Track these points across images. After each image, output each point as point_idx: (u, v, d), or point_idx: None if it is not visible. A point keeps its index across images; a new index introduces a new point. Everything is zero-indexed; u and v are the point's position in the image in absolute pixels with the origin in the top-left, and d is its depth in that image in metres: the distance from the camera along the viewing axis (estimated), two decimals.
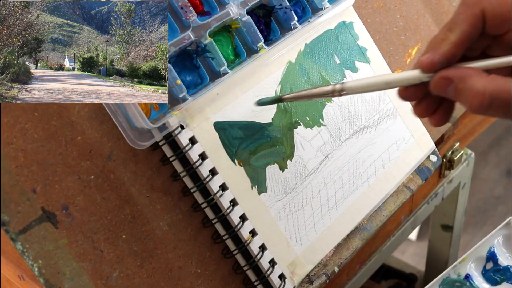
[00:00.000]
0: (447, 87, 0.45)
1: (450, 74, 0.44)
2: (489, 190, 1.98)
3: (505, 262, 0.75)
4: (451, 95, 0.45)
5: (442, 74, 0.45)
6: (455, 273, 0.75)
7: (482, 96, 0.42)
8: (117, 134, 0.54)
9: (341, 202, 0.67)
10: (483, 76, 0.43)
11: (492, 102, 0.42)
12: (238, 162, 0.60)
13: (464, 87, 0.43)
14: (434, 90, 0.46)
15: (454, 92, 0.44)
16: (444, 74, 0.45)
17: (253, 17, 0.61)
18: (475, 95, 0.43)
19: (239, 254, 0.60)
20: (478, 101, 0.43)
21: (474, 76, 0.43)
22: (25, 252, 0.49)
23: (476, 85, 0.43)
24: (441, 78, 0.45)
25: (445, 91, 0.45)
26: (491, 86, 0.42)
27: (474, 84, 0.43)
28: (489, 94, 0.42)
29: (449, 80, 0.44)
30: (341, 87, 0.52)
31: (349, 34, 0.70)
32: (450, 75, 0.44)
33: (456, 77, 0.44)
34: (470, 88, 0.43)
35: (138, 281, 0.55)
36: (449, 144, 0.85)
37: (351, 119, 0.69)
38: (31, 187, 0.50)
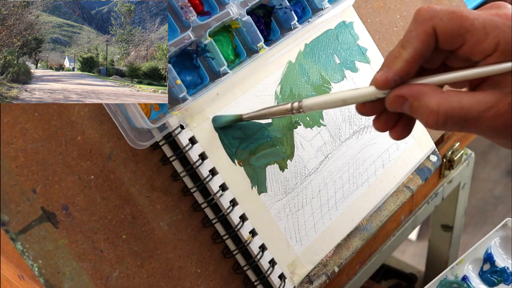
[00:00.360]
0: (402, 105, 0.45)
1: (404, 92, 0.44)
2: (489, 190, 1.98)
3: (502, 264, 0.75)
4: (408, 112, 0.45)
5: (396, 93, 0.45)
6: (453, 275, 0.75)
7: (437, 114, 0.42)
8: (117, 134, 0.54)
9: (341, 202, 0.67)
10: (437, 93, 0.43)
11: (446, 119, 0.42)
12: (238, 162, 0.60)
13: (418, 105, 0.43)
14: (390, 108, 0.46)
15: (409, 110, 0.44)
16: (398, 93, 0.45)
17: (253, 17, 0.61)
18: (430, 113, 0.43)
19: (239, 254, 0.60)
20: (433, 120, 0.43)
21: (428, 93, 0.43)
22: (25, 252, 0.49)
23: (430, 103, 0.43)
24: (395, 97, 0.45)
25: (401, 108, 0.45)
26: (444, 103, 0.42)
27: (428, 102, 0.43)
28: (444, 112, 0.42)
29: (403, 98, 0.44)
30: (298, 105, 0.52)
31: (349, 34, 0.70)
32: (404, 93, 0.44)
33: (410, 95, 0.44)
34: (425, 106, 0.43)
35: (138, 281, 0.55)
36: (449, 144, 0.85)
37: (351, 119, 0.69)
38: (31, 187, 0.50)
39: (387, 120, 0.48)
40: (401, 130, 0.48)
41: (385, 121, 0.48)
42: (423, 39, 0.44)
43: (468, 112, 0.42)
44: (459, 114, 0.42)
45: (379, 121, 0.48)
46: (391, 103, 0.45)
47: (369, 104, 0.47)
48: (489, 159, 2.09)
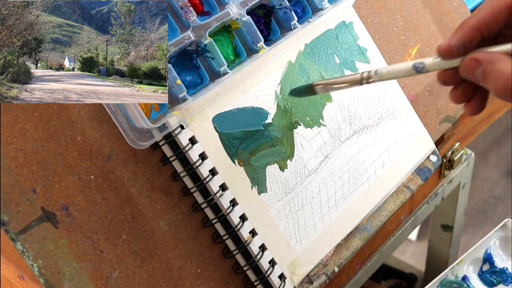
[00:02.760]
0: (475, 69, 0.45)
1: (479, 56, 0.45)
2: (489, 190, 1.98)
3: (501, 264, 0.75)
4: (479, 78, 0.45)
5: (472, 56, 0.46)
6: (453, 275, 0.75)
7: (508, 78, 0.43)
8: (117, 134, 0.54)
9: (341, 202, 0.67)
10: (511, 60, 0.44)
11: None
12: (238, 162, 0.60)
13: (491, 69, 0.44)
14: (463, 72, 0.46)
15: (482, 75, 0.45)
16: (474, 56, 0.45)
17: (253, 17, 0.61)
18: (501, 78, 0.43)
19: (239, 254, 0.60)
20: (503, 84, 0.43)
21: (502, 59, 0.44)
22: (25, 252, 0.49)
23: (503, 68, 0.43)
24: (470, 60, 0.46)
25: (473, 74, 0.45)
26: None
27: (502, 67, 0.44)
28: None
29: (478, 62, 0.45)
30: (368, 75, 0.53)
31: (349, 34, 0.70)
32: (479, 57, 0.45)
33: (485, 59, 0.45)
34: (498, 70, 0.44)
35: (138, 281, 0.55)
36: (449, 144, 0.85)
37: (351, 119, 0.69)
38: (31, 187, 0.50)
39: (465, 91, 0.49)
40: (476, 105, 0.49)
41: (463, 92, 0.49)
42: (493, 12, 0.46)
43: None
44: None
45: (457, 91, 0.49)
46: (464, 67, 0.46)
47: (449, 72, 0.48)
48: (489, 159, 2.09)
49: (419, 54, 0.78)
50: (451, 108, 0.81)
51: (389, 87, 0.72)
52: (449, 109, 0.81)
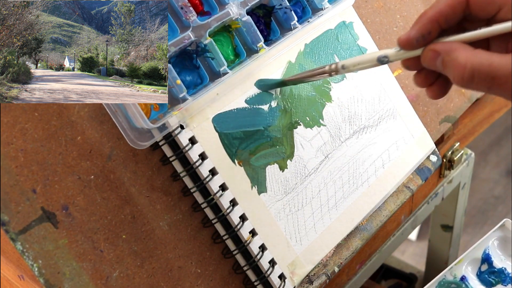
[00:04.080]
0: (435, 60, 0.46)
1: (437, 47, 0.46)
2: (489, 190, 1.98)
3: (499, 264, 0.75)
4: (440, 68, 0.47)
5: (430, 47, 0.47)
6: (451, 275, 0.75)
7: (464, 68, 0.44)
8: (117, 134, 0.54)
9: (341, 202, 0.67)
10: (467, 49, 0.45)
11: (473, 74, 0.44)
12: (238, 162, 0.60)
13: (449, 59, 0.45)
14: (424, 63, 0.48)
15: (441, 65, 0.46)
16: (432, 47, 0.47)
17: (253, 17, 0.61)
18: (458, 67, 0.44)
19: (239, 254, 0.60)
20: (459, 73, 0.44)
21: (458, 49, 0.45)
22: (25, 252, 0.49)
23: (459, 57, 0.45)
24: (429, 51, 0.47)
25: (434, 64, 0.47)
26: (473, 59, 0.44)
27: (458, 56, 0.45)
28: (471, 66, 0.44)
29: (437, 52, 0.46)
30: (335, 67, 0.55)
31: (349, 34, 0.70)
32: (437, 48, 0.46)
33: (442, 50, 0.46)
34: (454, 60, 0.45)
35: (138, 281, 0.55)
36: (449, 144, 0.85)
37: (351, 119, 0.69)
38: (31, 187, 0.50)
39: (427, 76, 0.50)
40: (438, 89, 0.50)
41: (425, 76, 0.50)
42: (451, 3, 0.47)
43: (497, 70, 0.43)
44: (487, 71, 0.43)
45: (420, 76, 0.50)
46: (424, 58, 0.47)
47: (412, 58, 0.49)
48: (489, 159, 2.09)
49: None
50: (451, 108, 0.81)
51: (389, 87, 0.72)
52: (449, 109, 0.81)
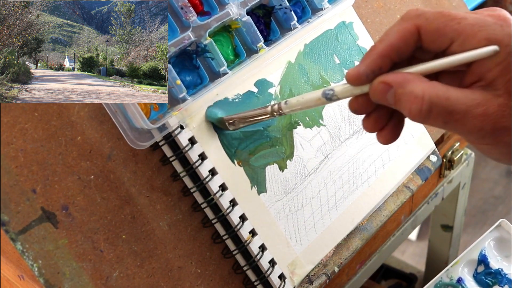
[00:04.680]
0: (386, 93, 0.43)
1: (389, 79, 0.43)
2: (489, 190, 1.98)
3: (496, 265, 0.75)
4: (391, 102, 0.43)
5: (380, 79, 0.43)
6: (448, 277, 0.74)
7: (421, 100, 0.41)
8: (117, 134, 0.54)
9: (341, 202, 0.67)
10: (423, 81, 0.42)
11: (431, 108, 0.41)
12: (238, 162, 0.60)
13: (403, 92, 0.42)
14: (373, 97, 0.44)
15: (393, 98, 0.42)
16: (383, 79, 0.43)
17: (253, 17, 0.61)
18: (414, 100, 0.41)
19: (239, 254, 0.60)
20: (417, 107, 0.41)
21: (413, 80, 0.42)
22: (25, 252, 0.49)
23: (415, 89, 0.41)
24: (379, 83, 0.43)
25: (385, 98, 0.43)
26: (430, 91, 0.41)
27: (414, 88, 0.41)
28: (428, 99, 0.41)
29: (388, 85, 0.43)
30: (278, 107, 0.52)
31: (348, 34, 0.70)
32: (388, 80, 0.43)
33: (394, 82, 0.42)
34: (409, 93, 0.41)
35: (138, 281, 0.55)
36: (449, 144, 0.85)
37: (351, 119, 0.69)
38: (31, 187, 0.50)
39: (377, 120, 0.46)
40: (389, 133, 0.46)
41: (375, 120, 0.46)
42: (401, 35, 0.43)
43: (454, 104, 0.40)
44: (444, 104, 0.40)
45: (369, 120, 0.46)
46: (374, 91, 0.43)
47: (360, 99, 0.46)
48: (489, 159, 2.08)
49: None
50: None
51: None
52: None
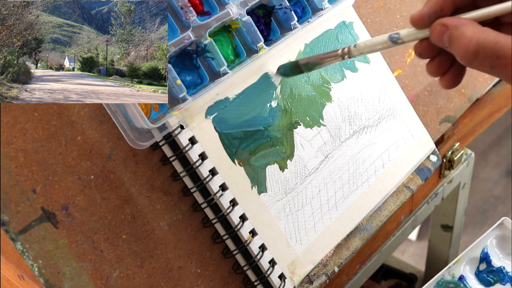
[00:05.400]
0: (443, 35, 0.46)
1: (446, 21, 0.46)
2: (489, 190, 1.98)
3: (498, 263, 0.75)
4: (446, 43, 0.46)
5: (440, 21, 0.46)
6: (450, 275, 0.74)
7: (469, 42, 0.43)
8: (117, 134, 0.54)
9: (341, 202, 0.67)
10: (476, 25, 0.44)
11: (478, 50, 0.43)
12: (238, 162, 0.60)
13: (456, 34, 0.45)
14: (432, 38, 0.47)
15: (448, 40, 0.45)
16: (442, 21, 0.46)
17: (253, 17, 0.61)
18: (463, 42, 0.44)
19: (239, 254, 0.60)
20: (464, 48, 0.44)
21: (467, 25, 0.45)
22: (25, 252, 0.49)
23: (465, 31, 0.44)
24: (438, 25, 0.46)
25: (442, 40, 0.46)
26: (479, 34, 0.43)
27: (465, 31, 0.44)
28: (476, 42, 0.43)
29: (445, 27, 0.46)
30: (348, 49, 0.55)
31: (349, 34, 0.70)
32: (446, 22, 0.46)
33: (451, 24, 0.45)
34: (461, 35, 0.44)
35: (138, 281, 0.55)
36: (449, 144, 0.85)
37: (351, 119, 0.69)
38: (31, 187, 0.50)
39: (440, 64, 0.49)
40: (451, 78, 0.50)
41: (438, 64, 0.49)
42: None
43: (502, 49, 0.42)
44: (492, 48, 0.43)
45: (432, 64, 0.50)
46: (433, 31, 0.47)
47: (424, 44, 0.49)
48: (489, 159, 2.09)
49: None
50: (451, 108, 0.81)
51: (389, 87, 0.72)
52: (449, 109, 0.81)
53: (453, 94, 0.82)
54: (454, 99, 0.82)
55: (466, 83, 0.84)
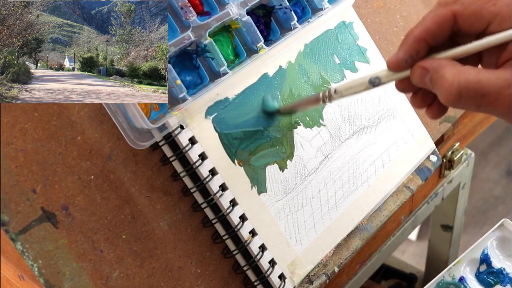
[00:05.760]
0: (424, 77, 0.45)
1: (426, 64, 0.45)
2: (489, 190, 1.98)
3: (498, 265, 0.75)
4: (429, 86, 0.45)
5: (419, 64, 0.46)
6: (450, 276, 0.74)
7: (451, 85, 0.43)
8: (117, 134, 0.54)
9: (341, 202, 0.67)
10: (455, 66, 0.44)
11: (460, 92, 0.42)
12: (238, 162, 0.60)
13: (437, 76, 0.44)
14: (414, 81, 0.47)
15: (430, 83, 0.45)
16: (421, 64, 0.46)
17: (253, 17, 0.61)
18: (446, 84, 0.43)
19: (239, 254, 0.60)
20: (447, 91, 0.43)
21: (446, 66, 0.44)
22: (25, 252, 0.49)
23: (446, 74, 0.43)
24: (417, 68, 0.46)
25: (424, 82, 0.46)
26: (461, 75, 0.42)
27: (445, 73, 0.43)
28: (458, 83, 0.42)
29: (425, 70, 0.45)
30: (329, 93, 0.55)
31: (349, 34, 0.70)
32: (426, 65, 0.45)
33: (431, 67, 0.45)
34: (442, 77, 0.43)
35: (138, 281, 0.55)
36: (449, 144, 0.85)
37: (351, 119, 0.69)
38: (31, 187, 0.50)
39: (424, 97, 0.49)
40: (437, 109, 0.49)
41: (422, 97, 0.49)
42: (437, 21, 0.45)
43: (485, 87, 0.42)
44: (475, 88, 0.42)
45: (416, 97, 0.49)
46: (413, 75, 0.46)
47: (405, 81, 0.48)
48: (489, 159, 2.09)
49: None
50: (451, 108, 0.81)
51: (389, 87, 0.72)
52: (449, 109, 0.81)
53: None
54: None
55: None
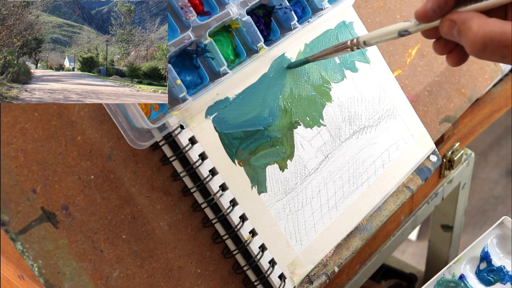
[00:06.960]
0: (452, 30, 0.47)
1: (454, 17, 0.47)
2: (489, 190, 1.98)
3: (498, 263, 0.75)
4: (456, 38, 0.47)
5: (447, 17, 0.47)
6: (450, 274, 0.74)
7: (476, 36, 0.44)
8: (117, 134, 0.54)
9: (341, 202, 0.67)
10: (481, 18, 0.45)
11: (485, 43, 0.44)
12: (238, 162, 0.60)
13: (464, 28, 0.46)
14: (442, 33, 0.48)
15: (457, 34, 0.46)
16: (449, 17, 0.47)
17: (253, 17, 0.61)
18: (471, 36, 0.45)
19: (239, 254, 0.60)
20: (472, 42, 0.44)
21: (473, 18, 0.45)
22: (25, 252, 0.49)
23: (472, 26, 0.45)
24: (446, 21, 0.47)
25: (452, 34, 0.47)
26: (485, 27, 0.44)
27: (472, 25, 0.45)
28: (482, 35, 0.44)
29: (453, 22, 0.47)
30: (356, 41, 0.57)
31: (349, 34, 0.70)
32: (454, 18, 0.47)
33: (458, 19, 0.46)
34: (468, 29, 0.45)
35: (138, 281, 0.55)
36: (449, 144, 0.85)
37: (351, 119, 0.69)
38: (31, 187, 0.50)
39: (446, 44, 0.50)
40: (457, 56, 0.51)
41: (444, 44, 0.50)
42: None
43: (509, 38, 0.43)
44: (499, 39, 0.43)
45: (439, 43, 0.51)
46: (442, 28, 0.48)
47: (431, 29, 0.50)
48: (489, 159, 2.09)
49: (419, 54, 0.78)
50: (451, 108, 0.81)
51: (389, 87, 0.72)
52: (449, 109, 0.81)
53: (453, 94, 0.82)
54: (454, 99, 0.82)
55: (466, 83, 0.84)
